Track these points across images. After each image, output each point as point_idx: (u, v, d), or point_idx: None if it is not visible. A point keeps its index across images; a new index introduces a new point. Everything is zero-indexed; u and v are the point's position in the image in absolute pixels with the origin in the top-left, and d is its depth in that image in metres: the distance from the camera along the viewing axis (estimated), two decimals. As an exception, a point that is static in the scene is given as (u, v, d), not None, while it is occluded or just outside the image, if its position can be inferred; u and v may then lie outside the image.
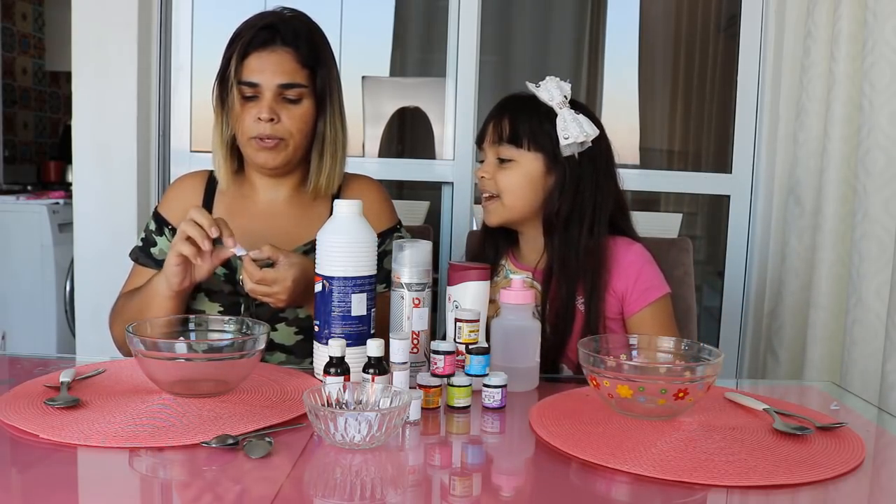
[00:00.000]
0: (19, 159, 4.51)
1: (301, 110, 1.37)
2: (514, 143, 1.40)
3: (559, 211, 1.39)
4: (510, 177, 1.41)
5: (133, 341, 1.02)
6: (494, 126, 1.43)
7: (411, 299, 1.17)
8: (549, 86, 1.41)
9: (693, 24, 3.27)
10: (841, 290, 1.80)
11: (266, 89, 1.34)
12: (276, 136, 1.36)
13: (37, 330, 3.18)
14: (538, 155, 1.40)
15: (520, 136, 1.40)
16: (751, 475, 0.85)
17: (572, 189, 1.40)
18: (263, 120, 1.34)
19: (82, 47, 2.23)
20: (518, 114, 1.42)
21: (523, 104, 1.43)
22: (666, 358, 1.11)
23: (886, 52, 1.66)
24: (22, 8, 4.51)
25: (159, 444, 0.89)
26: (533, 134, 1.40)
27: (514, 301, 1.19)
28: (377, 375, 1.03)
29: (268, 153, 1.37)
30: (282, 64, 1.35)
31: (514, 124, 1.41)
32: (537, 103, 1.41)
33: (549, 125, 1.39)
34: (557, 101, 1.40)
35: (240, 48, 1.34)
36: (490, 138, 1.43)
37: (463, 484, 0.87)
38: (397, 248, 1.18)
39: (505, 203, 1.42)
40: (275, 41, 1.35)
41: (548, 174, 1.41)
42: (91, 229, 2.25)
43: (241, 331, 1.13)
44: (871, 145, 1.67)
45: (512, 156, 1.41)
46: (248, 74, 1.35)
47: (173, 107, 2.33)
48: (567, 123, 1.38)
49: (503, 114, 1.43)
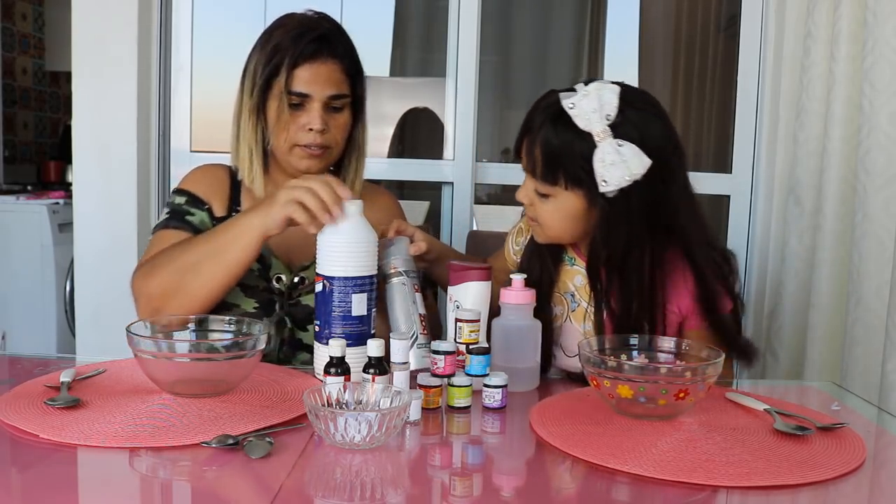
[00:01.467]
0: (19, 159, 4.51)
1: (344, 118, 1.40)
2: (547, 181, 1.20)
3: (609, 255, 1.22)
4: (549, 212, 1.24)
5: (133, 341, 1.02)
6: (528, 152, 1.22)
7: (412, 285, 1.22)
8: (586, 106, 1.15)
9: (693, 24, 3.27)
10: (841, 290, 1.80)
11: (316, 100, 1.35)
12: (324, 144, 1.37)
13: (37, 330, 3.18)
14: (578, 192, 1.20)
15: (554, 175, 1.19)
16: (751, 475, 0.85)
17: (620, 229, 1.19)
18: (315, 130, 1.35)
19: (82, 47, 2.23)
20: (550, 143, 1.18)
21: (556, 128, 1.18)
22: (666, 358, 1.11)
23: (886, 52, 1.66)
24: (22, 8, 4.51)
25: (159, 444, 0.89)
26: (569, 173, 1.18)
27: (514, 301, 1.19)
28: (377, 375, 1.03)
29: (312, 160, 1.38)
30: (331, 75, 1.36)
31: (546, 158, 1.19)
32: (573, 128, 1.16)
33: (587, 158, 1.16)
34: (597, 131, 1.15)
35: (290, 59, 1.34)
36: (524, 164, 1.24)
37: (463, 484, 0.87)
38: (384, 245, 1.24)
39: (546, 233, 1.28)
40: (323, 53, 1.35)
41: (591, 209, 1.21)
42: (91, 229, 2.25)
43: (241, 331, 1.13)
44: (871, 145, 1.67)
45: (548, 191, 1.22)
46: (298, 85, 1.35)
47: (173, 107, 2.33)
48: (606, 166, 1.14)
49: (535, 138, 1.20)
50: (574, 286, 1.34)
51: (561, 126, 1.17)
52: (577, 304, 1.33)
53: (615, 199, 1.18)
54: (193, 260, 1.24)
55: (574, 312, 1.33)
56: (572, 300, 1.33)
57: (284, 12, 1.42)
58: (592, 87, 1.17)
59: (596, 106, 1.15)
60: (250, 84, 1.39)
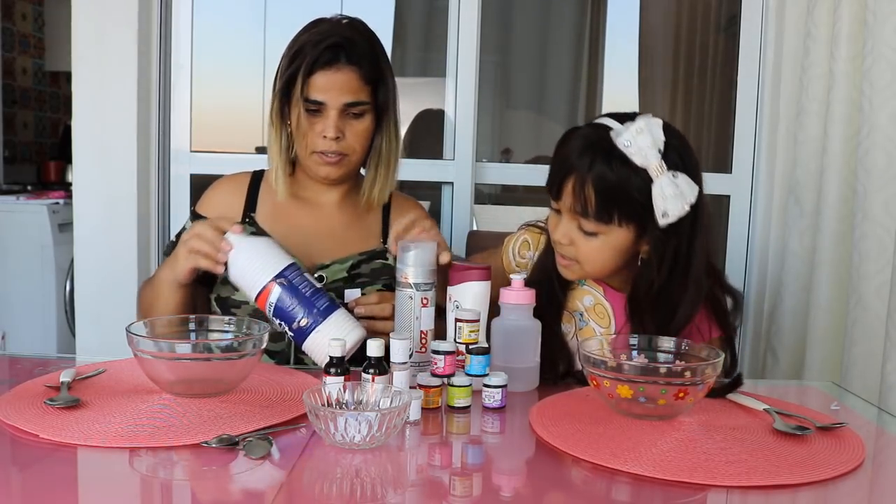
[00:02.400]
0: (19, 159, 4.51)
1: (364, 125, 1.39)
2: (602, 220, 1.19)
3: (649, 289, 1.22)
4: (595, 249, 1.22)
5: (133, 341, 1.02)
6: (576, 192, 1.18)
7: (420, 299, 1.17)
8: (642, 143, 1.15)
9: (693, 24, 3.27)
10: (841, 290, 1.80)
11: (331, 108, 1.35)
12: (340, 151, 1.37)
13: (37, 330, 3.18)
14: (629, 227, 1.20)
15: (610, 213, 1.18)
16: (751, 475, 0.85)
17: (668, 259, 1.21)
18: (329, 138, 1.35)
19: (82, 47, 2.23)
20: (606, 182, 1.16)
21: (610, 165, 1.16)
22: (666, 358, 1.11)
23: (886, 52, 1.66)
24: (22, 8, 4.51)
25: (159, 444, 0.89)
26: (624, 210, 1.18)
27: (514, 301, 1.19)
28: (377, 375, 1.03)
29: (330, 167, 1.39)
30: (348, 83, 1.35)
31: (602, 197, 1.17)
32: (628, 165, 1.16)
33: (643, 193, 1.16)
34: (654, 166, 1.15)
35: (305, 66, 1.34)
36: (570, 203, 1.20)
37: (463, 484, 0.87)
38: (402, 248, 1.18)
39: (586, 270, 1.26)
40: (339, 59, 1.34)
41: (639, 240, 1.22)
42: (91, 229, 2.25)
43: (241, 331, 1.13)
44: (871, 145, 1.67)
45: (598, 230, 1.20)
46: (313, 93, 1.35)
47: (173, 107, 2.32)
48: (667, 199, 1.15)
49: (587, 177, 1.17)
50: (583, 306, 1.35)
51: (616, 163, 1.16)
52: (584, 324, 1.34)
53: (668, 228, 1.19)
54: (148, 304, 1.34)
55: (581, 331, 1.34)
56: (580, 319, 1.35)
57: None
58: (641, 122, 1.16)
59: (650, 142, 1.15)
60: (274, 88, 1.40)
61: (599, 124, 1.22)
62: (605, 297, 1.34)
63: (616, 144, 1.16)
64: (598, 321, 1.34)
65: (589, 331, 1.33)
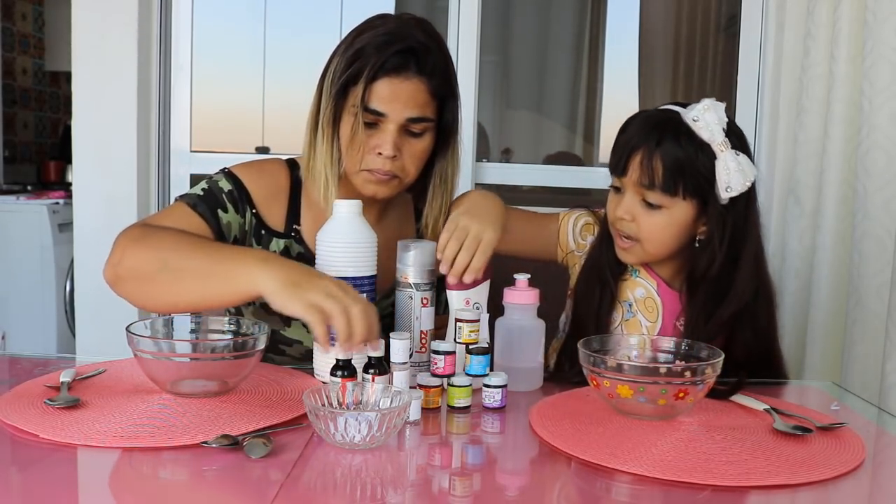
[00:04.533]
0: (19, 159, 4.51)
1: (422, 145, 1.24)
2: (668, 191, 1.22)
3: (709, 268, 1.24)
4: (657, 225, 1.25)
5: (133, 341, 1.02)
6: (644, 164, 1.22)
7: (420, 299, 1.17)
8: (709, 119, 1.22)
9: (693, 24, 3.27)
10: (841, 290, 1.80)
11: (391, 121, 1.19)
12: (392, 172, 1.22)
13: (37, 330, 3.19)
14: (692, 202, 1.24)
15: (676, 184, 1.22)
16: (751, 475, 0.85)
17: (727, 236, 1.24)
18: (385, 156, 1.20)
19: (82, 47, 2.23)
20: (674, 154, 1.21)
21: (677, 140, 1.21)
22: (666, 358, 1.11)
23: (886, 52, 1.66)
24: (22, 8, 4.51)
25: (159, 444, 0.89)
26: (690, 183, 1.22)
27: (517, 301, 1.18)
28: (378, 375, 1.03)
29: (378, 186, 1.24)
30: (414, 95, 1.20)
31: (670, 169, 1.21)
32: (693, 138, 1.22)
33: (708, 168, 1.21)
34: (719, 141, 1.21)
35: (369, 70, 1.18)
36: (636, 177, 1.24)
37: (463, 484, 0.87)
38: (402, 248, 1.18)
39: (647, 249, 1.27)
40: (408, 68, 1.19)
41: (698, 220, 1.26)
42: (91, 229, 2.25)
43: (241, 331, 1.13)
44: (871, 145, 1.67)
45: (662, 202, 1.23)
46: (375, 102, 1.19)
47: (173, 107, 2.33)
48: (731, 173, 1.21)
49: (655, 151, 1.22)
50: (634, 297, 1.34)
51: (683, 138, 1.22)
52: (632, 315, 1.34)
53: (727, 205, 1.23)
54: (181, 266, 1.09)
55: (628, 322, 1.34)
56: (629, 310, 1.34)
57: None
58: (708, 102, 1.24)
59: (717, 119, 1.22)
60: (327, 91, 1.23)
61: (663, 108, 1.29)
62: (657, 291, 1.33)
63: (683, 122, 1.23)
64: (647, 314, 1.33)
65: (635, 322, 1.33)
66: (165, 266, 1.10)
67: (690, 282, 1.29)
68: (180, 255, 1.10)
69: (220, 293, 1.08)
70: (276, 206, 1.31)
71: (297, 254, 1.31)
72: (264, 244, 1.30)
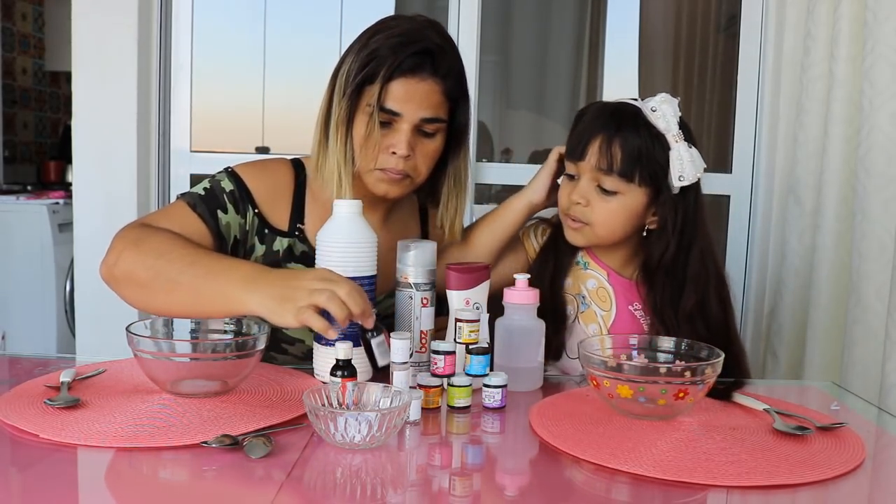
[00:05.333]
0: (19, 159, 4.51)
1: (434, 145, 1.26)
2: (625, 176, 1.26)
3: (663, 255, 1.29)
4: (610, 211, 1.28)
5: (133, 341, 1.02)
6: (602, 150, 1.26)
7: (420, 299, 1.17)
8: (666, 111, 1.27)
9: (693, 24, 3.27)
10: (841, 290, 1.80)
11: (406, 121, 1.21)
12: (405, 171, 1.24)
13: (37, 330, 3.19)
14: (646, 189, 1.28)
15: (633, 171, 1.25)
16: (751, 475, 0.85)
17: (678, 224, 1.29)
18: (399, 155, 1.22)
19: (82, 47, 2.23)
20: (633, 142, 1.25)
21: (636, 129, 1.26)
22: (666, 358, 1.11)
23: (886, 52, 1.66)
24: (22, 8, 4.51)
25: (159, 444, 0.89)
26: (646, 170, 1.26)
27: (517, 301, 1.18)
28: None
29: (390, 185, 1.25)
30: (429, 96, 1.21)
31: (629, 155, 1.25)
32: (650, 128, 1.26)
33: (663, 157, 1.26)
34: (674, 133, 1.27)
35: (385, 71, 1.19)
36: (593, 162, 1.27)
37: (463, 484, 0.87)
38: (402, 248, 1.18)
39: (596, 233, 1.31)
40: (424, 69, 1.21)
41: (648, 209, 1.30)
42: (91, 229, 2.25)
43: (242, 331, 1.13)
44: (871, 145, 1.67)
45: (617, 188, 1.27)
46: (390, 101, 1.20)
47: (173, 107, 2.33)
48: (684, 163, 1.26)
49: (614, 138, 1.25)
50: (586, 289, 1.38)
51: (642, 127, 1.26)
52: (586, 307, 1.37)
53: (678, 195, 1.28)
54: (175, 279, 1.09)
55: (583, 314, 1.37)
56: (583, 302, 1.37)
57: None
58: (663, 95, 1.29)
59: (672, 111, 1.28)
60: (340, 91, 1.24)
61: (618, 101, 1.32)
62: (608, 280, 1.37)
63: (640, 113, 1.27)
64: (600, 304, 1.37)
65: (591, 314, 1.37)
66: (158, 276, 1.10)
67: (646, 271, 1.33)
68: (173, 268, 1.10)
69: (211, 311, 1.10)
70: (279, 205, 1.31)
71: (301, 252, 1.31)
72: (267, 243, 1.30)
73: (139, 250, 1.13)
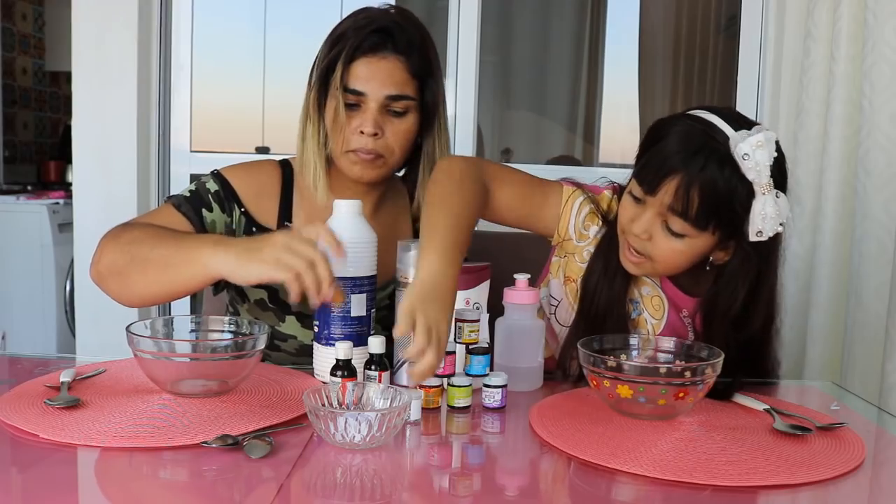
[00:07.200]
0: (19, 159, 4.51)
1: (406, 125, 1.26)
2: (699, 226, 1.13)
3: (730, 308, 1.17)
4: (674, 250, 1.16)
5: (133, 341, 1.02)
6: (679, 192, 1.11)
7: None
8: (760, 158, 1.09)
9: (693, 24, 3.27)
10: (841, 290, 1.80)
11: (371, 100, 1.23)
12: (376, 151, 1.24)
13: (37, 330, 3.19)
14: (716, 234, 1.15)
15: (707, 222, 1.12)
16: (751, 475, 0.85)
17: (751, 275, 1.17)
18: (367, 133, 1.23)
19: (82, 47, 2.23)
20: (714, 187, 1.10)
21: (721, 172, 1.10)
22: (666, 358, 1.11)
23: (886, 52, 1.66)
24: (22, 8, 4.51)
25: (159, 444, 0.89)
26: (722, 220, 1.13)
27: (517, 301, 1.18)
28: (383, 371, 1.03)
29: (364, 167, 1.26)
30: (392, 73, 1.23)
31: (707, 203, 1.11)
32: (737, 171, 1.10)
33: (744, 207, 1.12)
34: (763, 182, 1.11)
35: (347, 51, 1.21)
36: (666, 201, 1.13)
37: (463, 484, 0.87)
38: (402, 248, 1.18)
39: (657, 269, 1.21)
40: (385, 47, 1.22)
41: (716, 249, 1.18)
42: (91, 229, 2.24)
43: (241, 331, 1.13)
44: (871, 145, 1.67)
45: (686, 232, 1.14)
46: (353, 81, 1.22)
47: (173, 107, 2.33)
48: (766, 219, 1.12)
49: (694, 181, 1.10)
50: (640, 294, 1.30)
51: (728, 171, 1.11)
52: (638, 313, 1.30)
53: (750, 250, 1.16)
54: (146, 256, 1.12)
55: (634, 320, 1.30)
56: (635, 308, 1.30)
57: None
58: (762, 136, 1.10)
59: (768, 157, 1.10)
60: (310, 78, 1.28)
61: (705, 121, 1.14)
62: (661, 287, 1.30)
63: (729, 150, 1.11)
64: (653, 313, 1.30)
65: (642, 321, 1.30)
66: (133, 259, 1.13)
67: (707, 314, 1.22)
68: (145, 247, 1.13)
69: (181, 280, 1.11)
70: (266, 203, 1.32)
71: None
72: None
73: (117, 242, 1.16)
